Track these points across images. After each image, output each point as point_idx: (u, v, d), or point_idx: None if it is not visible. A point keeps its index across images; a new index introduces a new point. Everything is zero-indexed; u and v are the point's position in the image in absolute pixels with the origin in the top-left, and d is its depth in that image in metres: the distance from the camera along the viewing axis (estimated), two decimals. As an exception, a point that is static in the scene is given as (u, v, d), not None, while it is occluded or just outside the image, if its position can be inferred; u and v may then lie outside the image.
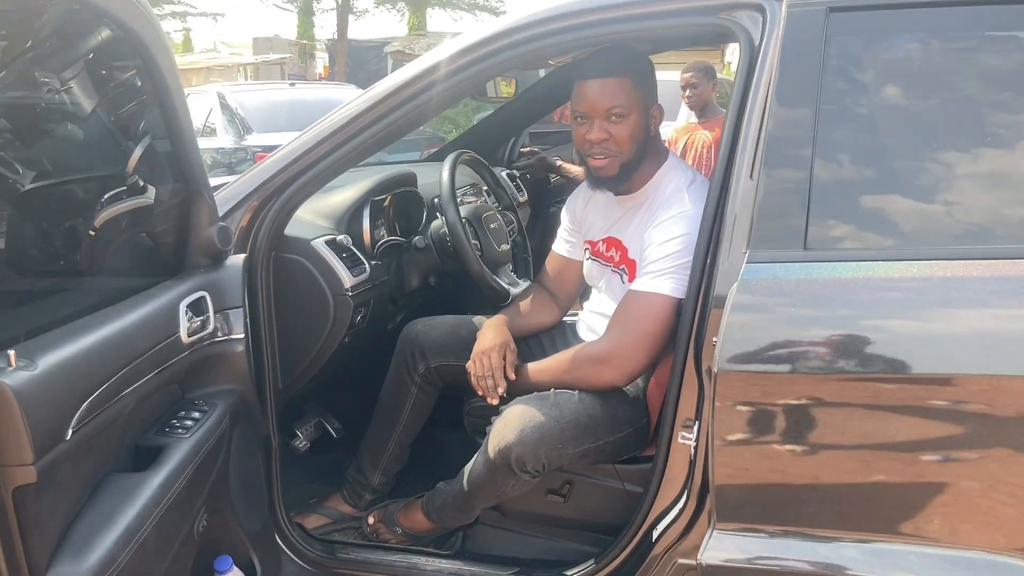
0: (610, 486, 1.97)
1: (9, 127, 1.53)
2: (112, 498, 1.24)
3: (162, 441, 1.42)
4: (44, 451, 1.09)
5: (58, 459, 1.12)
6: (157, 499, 1.28)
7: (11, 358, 1.07)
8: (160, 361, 1.41)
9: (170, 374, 1.48)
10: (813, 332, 1.51)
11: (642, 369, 1.82)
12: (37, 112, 1.59)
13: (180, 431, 1.46)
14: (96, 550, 1.15)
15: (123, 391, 1.28)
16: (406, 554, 2.06)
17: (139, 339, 1.35)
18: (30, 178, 1.51)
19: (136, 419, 1.41)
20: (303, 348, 2.08)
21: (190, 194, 1.63)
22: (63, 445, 1.13)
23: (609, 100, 1.81)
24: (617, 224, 1.98)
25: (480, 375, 1.92)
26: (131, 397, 1.31)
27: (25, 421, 1.04)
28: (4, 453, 1.05)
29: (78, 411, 1.15)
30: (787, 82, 1.56)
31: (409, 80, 1.83)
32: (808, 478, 1.56)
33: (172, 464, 1.36)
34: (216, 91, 8.39)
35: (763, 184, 1.55)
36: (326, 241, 2.08)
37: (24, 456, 1.06)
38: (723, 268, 1.56)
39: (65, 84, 1.65)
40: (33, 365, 1.09)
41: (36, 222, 1.52)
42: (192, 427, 1.48)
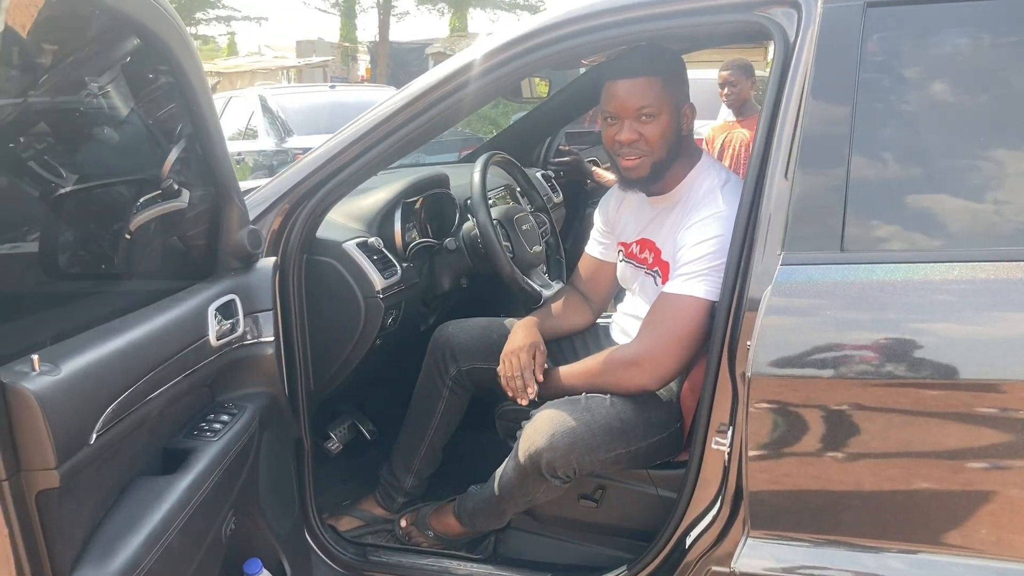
0: (643, 491, 1.94)
1: (48, 131, 1.55)
2: (138, 501, 1.24)
3: (190, 444, 1.42)
4: (67, 455, 1.09)
5: (82, 463, 1.12)
6: (183, 502, 1.28)
7: (35, 363, 1.07)
8: (188, 364, 1.42)
9: (199, 377, 1.48)
10: (850, 336, 1.48)
11: (675, 373, 1.79)
12: (76, 117, 1.61)
13: (208, 434, 1.46)
14: (120, 554, 1.15)
15: (150, 395, 1.28)
16: (438, 558, 2.05)
17: (167, 343, 1.36)
18: (67, 181, 1.53)
19: (164, 422, 1.41)
20: (335, 350, 2.08)
21: (220, 198, 1.64)
22: (87, 449, 1.13)
23: (639, 100, 1.78)
24: (650, 225, 1.95)
25: (509, 376, 1.91)
26: (158, 401, 1.32)
27: (48, 426, 1.05)
28: (27, 457, 1.06)
29: (103, 415, 1.15)
30: (823, 79, 1.52)
31: (441, 80, 1.82)
32: (847, 485, 1.52)
33: (199, 467, 1.36)
34: (257, 94, 8.49)
35: (798, 184, 1.51)
36: (357, 243, 2.08)
37: (47, 460, 1.06)
38: (757, 270, 1.52)
39: (102, 89, 1.67)
40: (56, 370, 1.09)
41: (69, 226, 1.54)
42: (220, 430, 1.48)
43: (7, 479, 1.05)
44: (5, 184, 1.45)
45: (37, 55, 1.45)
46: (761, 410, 1.51)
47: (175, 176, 1.61)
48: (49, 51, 1.49)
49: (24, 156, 1.46)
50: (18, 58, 1.39)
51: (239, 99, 8.69)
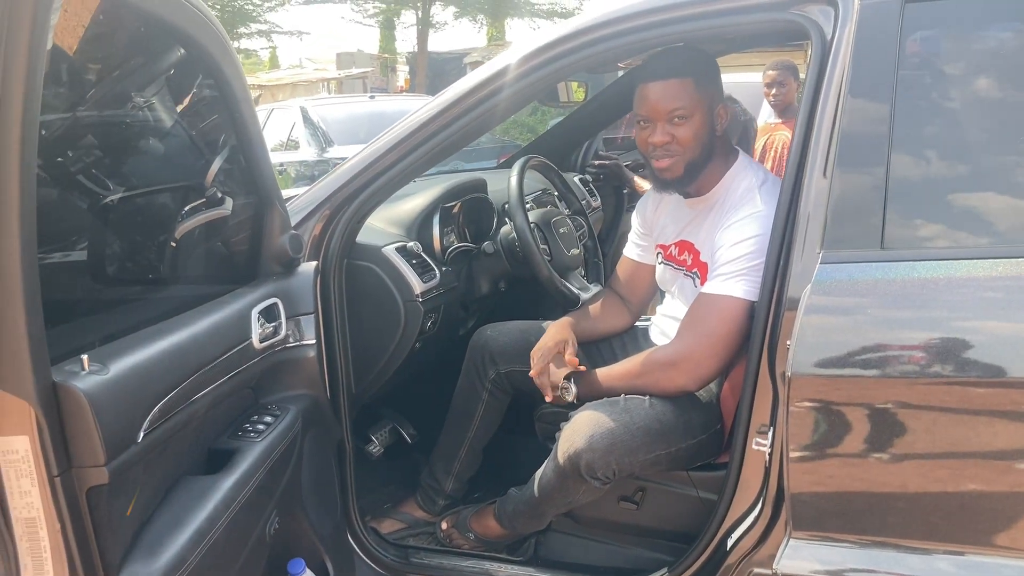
0: (684, 493, 1.93)
1: (96, 144, 1.59)
2: (184, 500, 1.27)
3: (234, 444, 1.45)
4: (116, 453, 1.12)
5: (130, 461, 1.16)
6: (228, 501, 1.30)
7: (84, 362, 1.11)
8: (232, 366, 1.45)
9: (242, 379, 1.51)
10: (891, 334, 1.46)
11: (714, 373, 1.79)
12: (122, 129, 1.65)
13: (252, 435, 1.49)
14: (168, 550, 1.18)
15: (195, 395, 1.31)
16: (479, 559, 2.06)
17: (211, 345, 1.39)
18: (114, 192, 1.58)
19: (209, 423, 1.44)
20: (375, 354, 2.11)
21: (262, 204, 1.67)
22: (135, 447, 1.16)
23: (671, 102, 1.78)
24: (688, 227, 1.94)
25: (534, 374, 1.92)
26: (203, 401, 1.35)
27: (97, 423, 1.08)
28: (77, 454, 1.09)
29: (150, 414, 1.19)
30: (861, 77, 1.51)
31: (477, 86, 1.83)
32: (891, 486, 1.50)
33: (243, 467, 1.39)
34: (299, 105, 8.62)
35: (837, 182, 1.50)
36: (396, 248, 2.10)
37: (97, 457, 1.09)
38: (796, 269, 1.51)
39: (148, 101, 1.71)
40: (105, 369, 1.12)
41: (118, 233, 1.58)
42: (264, 431, 1.51)
43: (59, 475, 1.09)
44: (56, 195, 1.50)
45: (84, 71, 1.50)
46: (802, 410, 1.50)
47: (219, 184, 1.65)
48: (95, 67, 1.54)
49: (73, 168, 1.51)
50: (66, 75, 1.44)
51: (281, 111, 8.82)
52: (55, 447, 1.08)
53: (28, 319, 1.03)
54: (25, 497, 1.09)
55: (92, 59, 1.51)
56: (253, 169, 1.63)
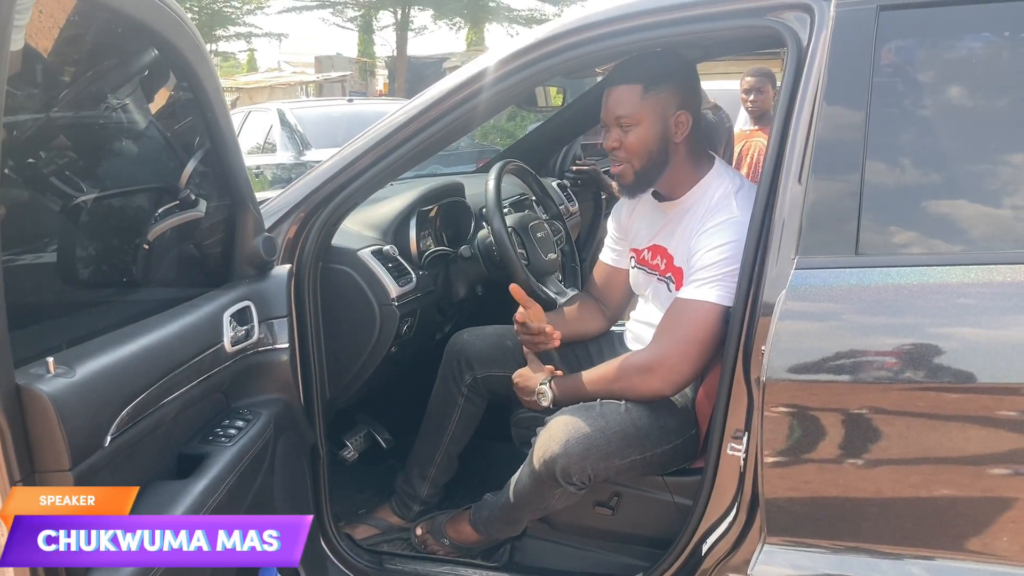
0: (659, 498, 1.93)
1: (68, 144, 1.57)
2: (153, 505, 1.25)
3: (205, 449, 1.43)
4: (82, 457, 1.10)
5: (96, 465, 1.13)
6: (197, 507, 1.28)
7: (50, 365, 1.08)
8: (203, 370, 1.43)
9: (214, 383, 1.49)
10: (865, 340, 1.47)
11: (689, 378, 1.79)
12: (95, 130, 1.63)
13: (223, 439, 1.46)
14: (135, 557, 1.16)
15: (164, 399, 1.29)
16: (453, 565, 2.05)
17: (181, 348, 1.37)
18: (86, 192, 1.55)
19: (179, 428, 1.42)
20: (350, 358, 2.09)
21: (236, 206, 1.65)
22: (101, 452, 1.14)
23: (618, 108, 1.81)
24: (662, 232, 1.94)
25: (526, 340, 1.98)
26: (173, 405, 1.32)
27: (62, 427, 1.06)
28: (41, 459, 1.07)
29: (117, 418, 1.16)
30: (836, 84, 1.52)
31: (455, 88, 1.83)
32: (865, 491, 1.51)
33: (213, 472, 1.36)
34: (276, 108, 8.58)
35: (812, 188, 1.51)
36: (372, 251, 2.09)
37: (61, 462, 1.07)
38: (771, 275, 1.52)
39: (121, 102, 1.69)
40: (71, 372, 1.10)
41: (88, 235, 1.55)
42: (235, 436, 1.48)
43: (21, 481, 1.06)
44: (27, 196, 1.47)
45: (57, 72, 1.48)
46: (776, 415, 1.50)
47: (192, 187, 1.63)
48: (69, 68, 1.52)
49: (45, 169, 1.48)
50: (40, 75, 1.42)
51: (258, 113, 8.77)
52: (17, 452, 1.06)
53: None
54: None
55: (66, 60, 1.49)
56: (227, 171, 1.61)
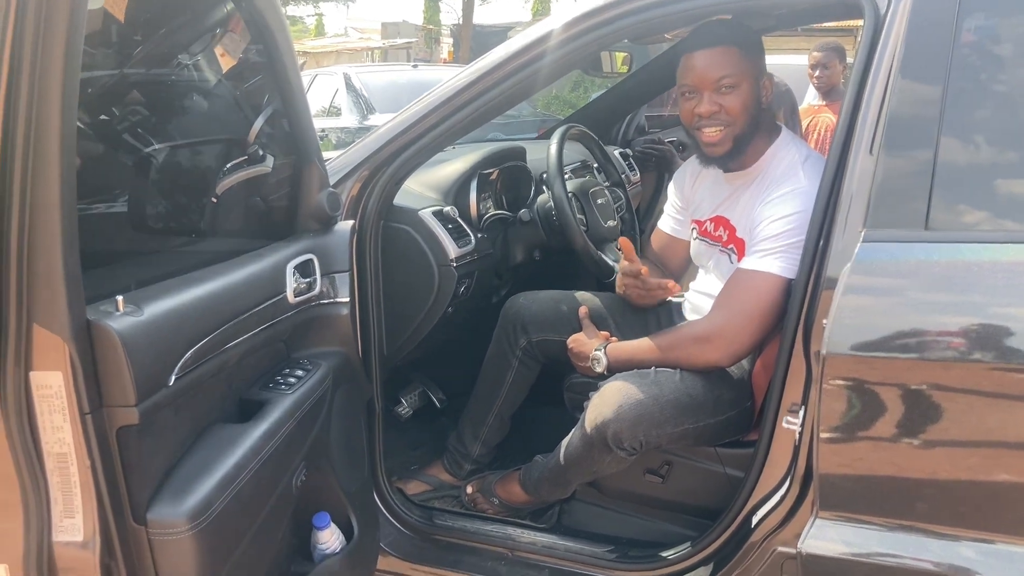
0: (710, 469, 1.92)
1: (142, 99, 1.61)
2: (213, 446, 1.29)
3: (265, 396, 1.46)
4: (147, 394, 1.14)
5: (160, 403, 1.17)
6: (256, 450, 1.32)
7: (119, 303, 1.12)
8: (265, 318, 1.46)
9: (275, 332, 1.52)
10: (930, 317, 1.44)
11: (747, 350, 1.77)
12: (167, 85, 1.67)
13: (283, 387, 1.50)
14: (195, 494, 1.19)
15: (227, 344, 1.32)
16: (502, 524, 2.07)
17: (245, 296, 1.40)
18: (157, 144, 1.60)
19: (241, 373, 1.45)
20: (408, 316, 2.12)
21: (302, 161, 1.68)
22: (166, 390, 1.18)
23: (718, 70, 1.76)
24: (726, 203, 1.92)
25: (640, 294, 2.01)
26: (235, 350, 1.36)
27: (129, 364, 1.09)
28: (109, 393, 1.11)
29: (182, 359, 1.20)
30: (914, 55, 1.48)
31: (518, 51, 1.82)
32: (922, 470, 1.48)
33: (273, 418, 1.40)
34: (343, 72, 8.62)
35: (883, 161, 1.47)
36: (433, 212, 2.10)
37: (127, 398, 1.11)
38: (837, 248, 1.49)
39: (194, 58, 1.73)
40: (139, 311, 1.14)
41: (157, 185, 1.59)
42: (295, 384, 1.52)
43: (90, 412, 1.11)
44: (101, 147, 1.52)
45: (133, 28, 1.52)
46: (835, 389, 1.48)
47: (261, 142, 1.65)
48: (144, 23, 1.55)
49: (118, 123, 1.52)
50: (115, 34, 1.46)
51: (324, 76, 8.82)
52: (87, 385, 1.10)
53: (65, 256, 1.04)
54: (57, 432, 1.11)
55: (140, 17, 1.53)
56: (295, 127, 1.63)
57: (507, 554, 1.99)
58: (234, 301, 1.36)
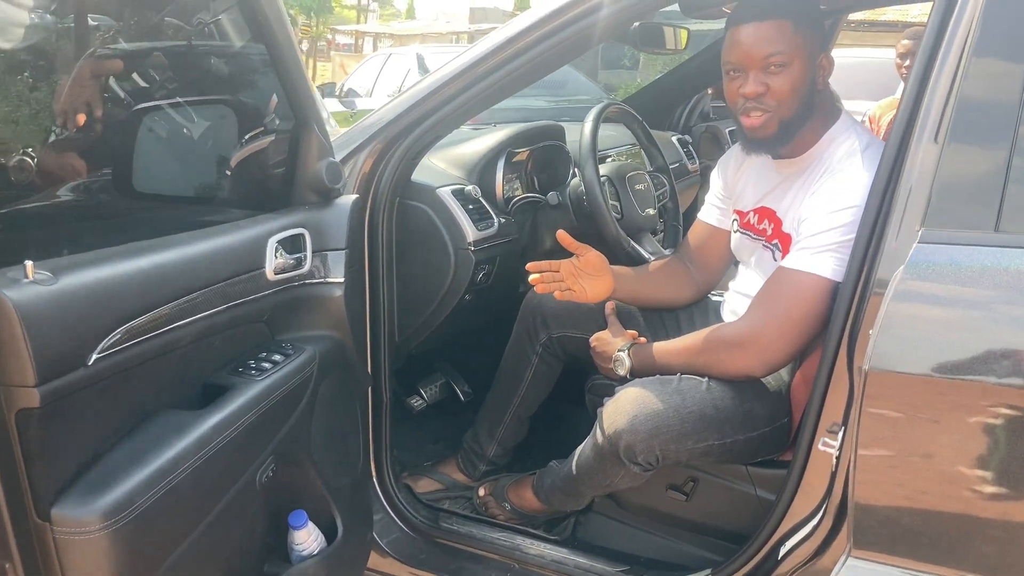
0: (739, 489, 1.74)
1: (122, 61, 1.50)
2: (153, 435, 1.15)
3: (230, 381, 1.33)
4: (53, 375, 1.00)
5: (75, 385, 1.04)
6: (203, 441, 1.18)
7: (28, 270, 0.99)
8: (234, 295, 1.33)
9: (249, 311, 1.39)
10: (997, 333, 1.23)
11: (785, 359, 1.57)
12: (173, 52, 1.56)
13: (253, 372, 1.37)
14: (114, 488, 1.05)
15: (178, 322, 1.19)
16: (512, 533, 1.92)
17: (208, 269, 1.26)
18: (132, 106, 1.49)
19: (206, 355, 1.32)
20: (422, 301, 1.98)
21: (299, 127, 1.54)
22: (83, 371, 1.04)
23: (767, 47, 1.54)
24: (773, 193, 1.71)
25: None
26: (191, 329, 1.22)
27: (27, 339, 0.96)
28: (4, 372, 0.98)
29: (108, 336, 1.06)
30: (992, 31, 1.26)
31: (547, 16, 1.65)
32: (975, 510, 1.28)
33: (232, 406, 1.26)
34: (415, 52, 8.56)
35: (950, 150, 1.27)
36: (452, 191, 1.95)
37: (25, 377, 0.98)
38: (890, 248, 1.29)
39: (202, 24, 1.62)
40: (52, 280, 1.01)
41: (145, 146, 1.47)
42: (269, 370, 1.38)
43: None
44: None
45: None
46: (877, 411, 1.29)
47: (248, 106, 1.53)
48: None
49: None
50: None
51: (398, 56, 8.79)
52: None
53: None
54: None
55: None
56: (290, 90, 1.50)
57: (513, 566, 1.84)
58: (191, 275, 1.22)
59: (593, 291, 1.80)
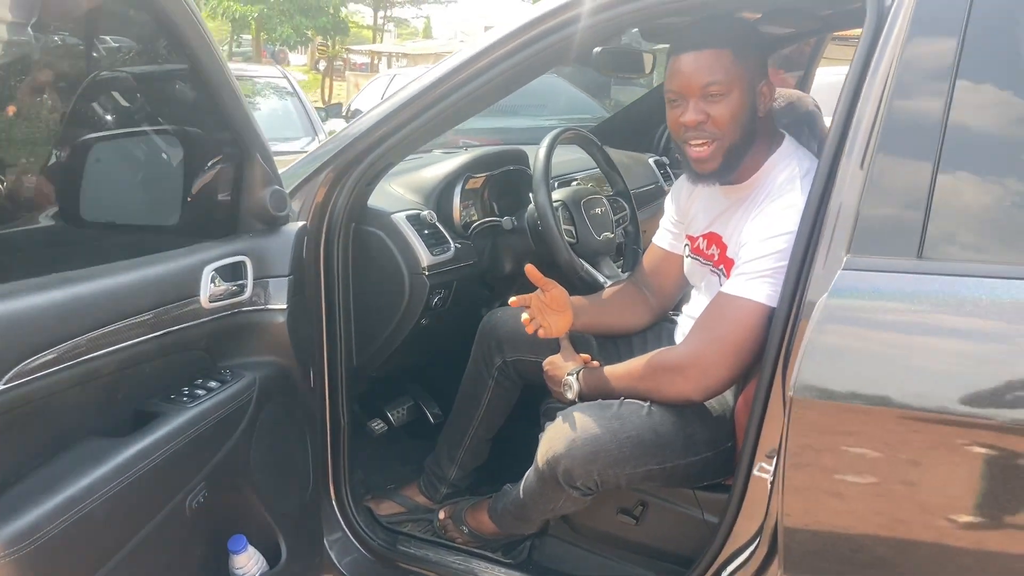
0: (688, 513, 1.74)
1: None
2: (70, 462, 1.17)
3: (161, 408, 1.35)
4: None
5: None
6: (122, 469, 1.19)
7: None
8: (163, 324, 1.35)
9: (182, 338, 1.41)
10: (917, 360, 1.23)
11: (724, 384, 1.57)
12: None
13: (185, 399, 1.38)
14: (20, 516, 1.07)
15: (97, 351, 1.21)
16: (467, 556, 1.93)
17: (133, 298, 1.28)
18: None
19: (135, 382, 1.34)
20: (378, 325, 2.00)
21: (242, 157, 1.57)
22: None
23: (705, 75, 1.55)
24: (720, 218, 1.72)
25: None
26: (114, 358, 1.24)
27: None
28: None
29: (20, 364, 1.08)
30: (916, 51, 1.27)
31: (499, 41, 1.67)
32: (900, 535, 1.28)
33: (157, 434, 1.28)
34: (420, 71, 8.61)
35: (874, 175, 1.28)
36: (407, 216, 1.97)
37: None
38: (818, 273, 1.30)
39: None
40: None
41: (88, 174, 1.50)
42: (202, 396, 1.40)
43: None
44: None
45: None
46: (802, 437, 1.29)
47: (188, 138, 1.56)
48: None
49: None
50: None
51: (403, 76, 8.85)
52: None
53: None
54: None
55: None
56: (228, 123, 1.52)
57: None
58: (111, 305, 1.24)
59: (556, 327, 1.80)
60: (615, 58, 2.23)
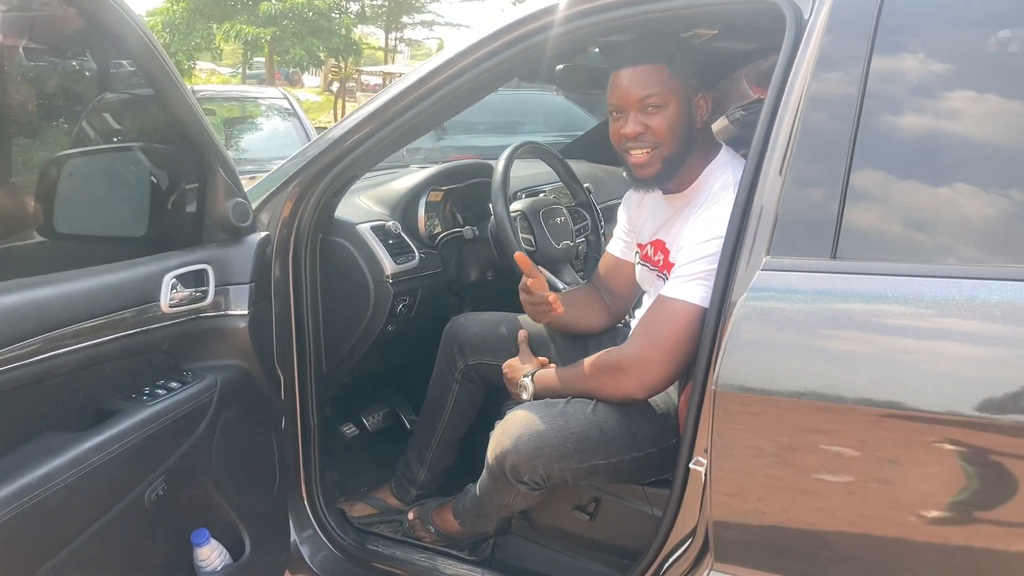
0: (638, 509, 1.80)
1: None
2: (27, 454, 1.25)
3: (120, 406, 1.43)
4: None
5: None
6: (78, 461, 1.28)
7: None
8: (122, 327, 1.43)
9: (143, 341, 1.49)
10: (827, 355, 1.30)
11: (664, 382, 1.64)
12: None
13: (144, 398, 1.47)
14: None
15: (51, 351, 1.29)
16: (432, 554, 2.00)
17: (90, 303, 1.37)
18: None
19: (96, 381, 1.43)
20: (345, 332, 2.08)
21: (205, 170, 1.66)
22: None
23: (643, 89, 1.64)
24: (664, 226, 1.80)
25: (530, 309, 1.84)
26: (71, 358, 1.33)
27: None
28: None
29: None
30: (829, 61, 1.35)
31: (458, 55, 1.75)
32: (818, 523, 1.35)
33: (115, 429, 1.36)
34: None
35: (791, 180, 1.35)
36: (373, 227, 2.06)
37: None
38: (741, 274, 1.37)
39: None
40: None
41: (61, 188, 1.59)
42: (161, 396, 1.49)
43: None
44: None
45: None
46: (725, 430, 1.36)
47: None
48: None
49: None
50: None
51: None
52: None
53: None
54: None
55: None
56: (191, 136, 1.61)
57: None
58: (70, 308, 1.33)
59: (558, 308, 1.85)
60: (576, 75, 2.31)
